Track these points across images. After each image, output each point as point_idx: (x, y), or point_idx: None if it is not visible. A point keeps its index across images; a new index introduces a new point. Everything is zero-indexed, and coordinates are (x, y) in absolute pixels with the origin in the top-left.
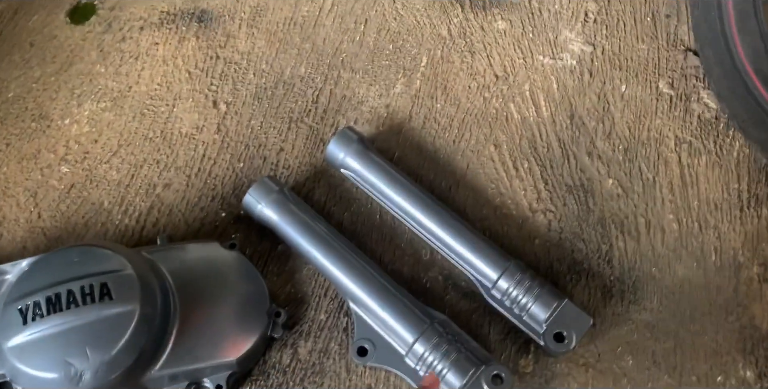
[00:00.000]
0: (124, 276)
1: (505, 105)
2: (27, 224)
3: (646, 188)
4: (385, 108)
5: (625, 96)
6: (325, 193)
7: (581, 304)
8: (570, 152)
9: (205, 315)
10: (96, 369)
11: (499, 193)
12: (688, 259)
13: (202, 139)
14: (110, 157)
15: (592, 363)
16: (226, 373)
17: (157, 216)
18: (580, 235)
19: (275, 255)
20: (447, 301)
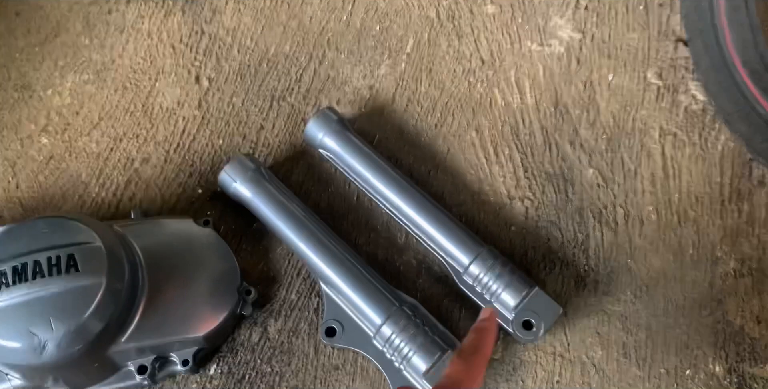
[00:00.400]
0: (92, 249)
1: (489, 90)
2: (4, 194)
3: (627, 179)
4: (368, 89)
5: (612, 85)
6: (304, 173)
7: (553, 293)
8: (552, 140)
9: (175, 290)
10: (59, 340)
11: (478, 179)
12: (665, 252)
13: (182, 115)
14: (90, 129)
15: (560, 352)
16: (193, 349)
17: (134, 191)
18: (557, 224)
19: (250, 233)
20: (419, 285)
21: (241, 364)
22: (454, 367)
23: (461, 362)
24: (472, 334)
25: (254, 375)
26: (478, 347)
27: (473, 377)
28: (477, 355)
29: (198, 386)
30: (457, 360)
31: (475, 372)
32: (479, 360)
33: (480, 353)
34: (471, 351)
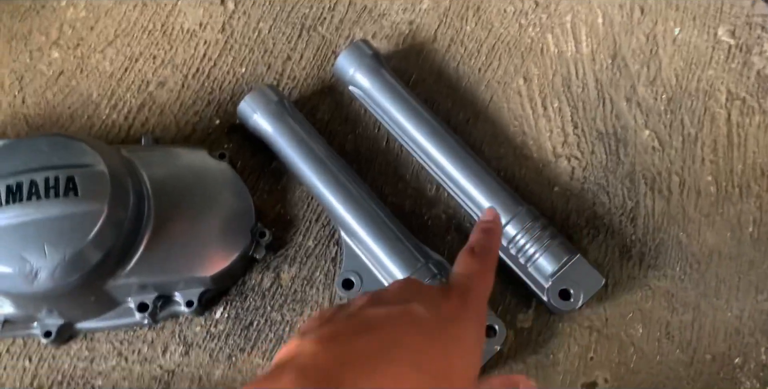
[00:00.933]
0: (95, 173)
1: (542, 35)
2: (9, 109)
3: (686, 144)
4: (408, 24)
5: (677, 40)
6: (331, 110)
7: (595, 262)
8: (607, 95)
9: (183, 225)
10: (53, 269)
11: (521, 132)
12: (721, 227)
13: (204, 38)
14: (105, 46)
15: (597, 327)
16: (199, 289)
17: (147, 116)
18: (605, 188)
19: (268, 171)
20: (447, 242)
21: (250, 310)
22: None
23: (475, 260)
24: (480, 234)
25: (263, 322)
26: (489, 247)
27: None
28: (490, 255)
29: (202, 329)
30: (469, 258)
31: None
32: (491, 260)
33: (492, 253)
34: (483, 251)
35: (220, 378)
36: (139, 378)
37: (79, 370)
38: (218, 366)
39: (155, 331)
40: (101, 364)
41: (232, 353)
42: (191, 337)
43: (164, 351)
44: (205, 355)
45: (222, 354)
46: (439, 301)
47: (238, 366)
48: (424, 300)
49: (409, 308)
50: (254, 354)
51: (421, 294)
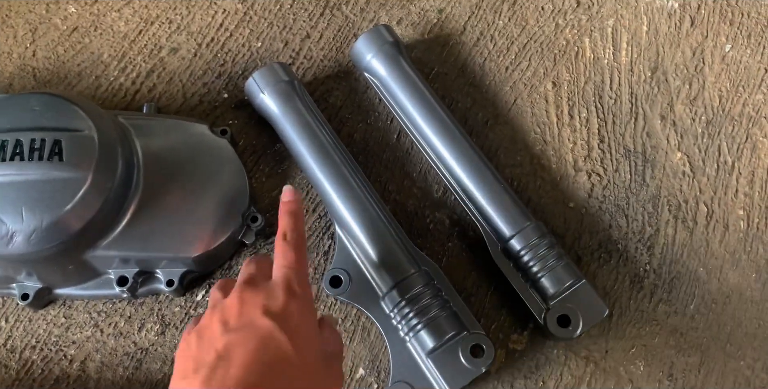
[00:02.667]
0: (83, 138)
1: (579, 38)
2: (19, 60)
3: (720, 173)
4: (437, 13)
5: (727, 58)
6: (344, 97)
7: (602, 289)
8: (640, 110)
9: (171, 201)
10: (30, 234)
11: (542, 140)
12: (747, 267)
13: (223, 7)
14: (122, 5)
15: (596, 359)
16: (181, 270)
17: (156, 82)
18: (625, 210)
19: (270, 153)
20: (447, 249)
21: None
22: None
23: (290, 248)
24: (286, 218)
25: None
26: (298, 231)
27: (305, 261)
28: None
29: (181, 310)
30: (285, 247)
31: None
32: (303, 243)
33: (302, 236)
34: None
35: None
36: (112, 352)
37: (53, 337)
38: None
39: (134, 307)
40: (76, 333)
41: None
42: (169, 317)
43: (140, 328)
44: (180, 337)
45: None
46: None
47: None
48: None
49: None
50: None
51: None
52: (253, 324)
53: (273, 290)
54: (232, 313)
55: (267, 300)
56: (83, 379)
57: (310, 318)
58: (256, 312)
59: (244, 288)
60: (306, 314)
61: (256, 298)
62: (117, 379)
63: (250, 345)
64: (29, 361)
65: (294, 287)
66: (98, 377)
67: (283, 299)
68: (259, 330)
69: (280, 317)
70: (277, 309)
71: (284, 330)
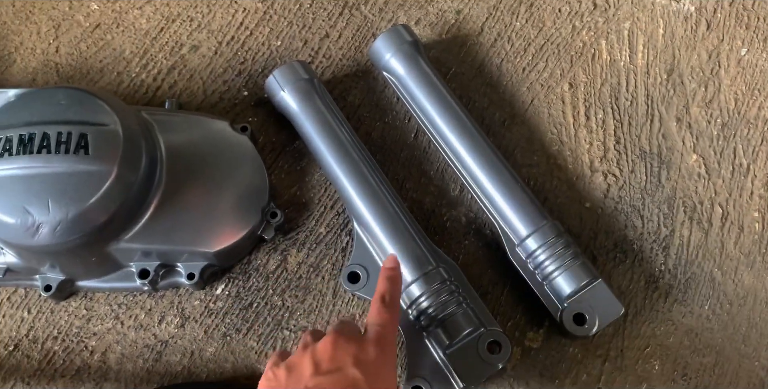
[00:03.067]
0: (109, 132)
1: (595, 40)
2: (42, 56)
3: (735, 175)
4: (455, 14)
5: (742, 61)
6: (362, 95)
7: (618, 289)
8: (656, 112)
9: (193, 196)
10: (55, 225)
11: (559, 141)
12: (762, 269)
13: (244, 5)
14: (144, 3)
15: (611, 357)
16: (201, 263)
17: (176, 79)
18: (640, 211)
19: (290, 150)
20: (464, 247)
21: (252, 291)
22: (381, 316)
23: (386, 310)
24: (388, 284)
25: (263, 304)
26: (396, 297)
27: (396, 323)
28: (397, 303)
29: (201, 303)
30: (381, 308)
31: (397, 319)
32: (397, 307)
33: (397, 301)
34: (391, 301)
35: (211, 356)
36: (133, 344)
37: (74, 328)
38: (212, 344)
39: (154, 299)
40: (97, 325)
41: (227, 332)
42: (189, 310)
43: (160, 321)
44: (200, 330)
45: (217, 332)
46: (365, 356)
47: (232, 346)
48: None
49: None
50: (249, 337)
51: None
52: (342, 371)
53: (365, 343)
54: (325, 357)
55: (358, 351)
56: (104, 370)
57: (392, 375)
58: (348, 361)
59: (338, 335)
60: (391, 371)
61: (349, 347)
62: (137, 371)
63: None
64: (51, 352)
65: (386, 343)
66: (119, 368)
67: (374, 353)
68: (347, 379)
69: (368, 370)
70: (367, 362)
71: (369, 382)
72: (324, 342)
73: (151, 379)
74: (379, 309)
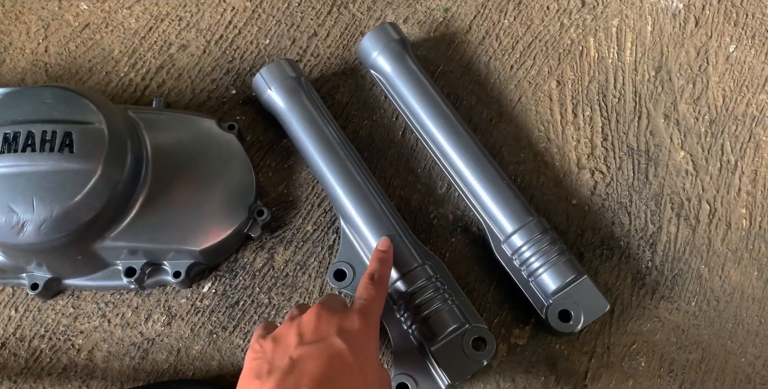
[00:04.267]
0: (94, 131)
1: (583, 38)
2: (32, 56)
3: (723, 171)
4: (443, 11)
5: (731, 58)
6: (350, 94)
7: (604, 286)
8: (644, 110)
9: (179, 194)
10: (40, 224)
11: (546, 138)
12: (749, 265)
13: (232, 4)
14: (133, 2)
15: (597, 354)
16: (188, 262)
17: (165, 78)
18: (627, 208)
19: (277, 148)
20: (451, 244)
21: (238, 288)
22: (368, 291)
23: (373, 287)
24: (378, 263)
25: (249, 302)
26: (384, 276)
27: (383, 300)
28: (385, 282)
29: (187, 302)
30: (369, 284)
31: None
32: (385, 286)
33: (386, 280)
34: (380, 279)
35: (198, 354)
36: (119, 342)
37: (62, 326)
38: (198, 342)
39: (141, 298)
40: (84, 323)
41: (213, 330)
42: (176, 308)
43: (147, 319)
44: (186, 328)
45: (203, 330)
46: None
47: (218, 344)
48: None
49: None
50: (235, 334)
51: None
52: (326, 340)
53: (350, 314)
54: (309, 328)
55: (342, 322)
56: (90, 368)
57: (375, 347)
58: (332, 331)
59: (323, 307)
60: (373, 344)
61: (333, 318)
62: (124, 368)
63: (321, 359)
64: (38, 350)
65: (370, 316)
66: (105, 366)
67: (358, 324)
68: (331, 348)
69: (352, 340)
70: (350, 332)
71: (353, 352)
72: (309, 314)
73: (138, 377)
74: (367, 286)
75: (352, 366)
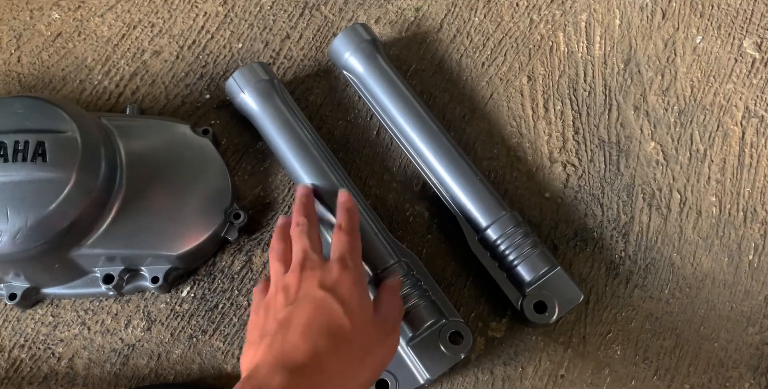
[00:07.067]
0: (67, 139)
1: (553, 33)
2: (4, 66)
3: (692, 161)
4: (414, 11)
5: (698, 49)
6: (324, 95)
7: (579, 277)
8: (614, 102)
9: (154, 200)
10: (15, 233)
11: (518, 133)
12: (719, 252)
13: (204, 9)
14: (105, 11)
15: (573, 344)
16: (165, 267)
17: (139, 85)
18: (600, 199)
19: (253, 151)
20: (427, 241)
21: (217, 292)
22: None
23: (344, 234)
24: (342, 213)
25: (228, 305)
26: (353, 223)
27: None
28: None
29: (167, 306)
30: (339, 233)
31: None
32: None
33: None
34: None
35: (178, 358)
36: (100, 348)
37: (41, 335)
38: (178, 346)
39: (120, 304)
40: (64, 331)
41: (193, 334)
42: (155, 314)
43: (127, 325)
44: (166, 333)
45: (183, 334)
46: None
47: (198, 347)
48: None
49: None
50: (216, 337)
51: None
52: (309, 295)
53: (328, 267)
54: (293, 289)
55: (322, 275)
56: (71, 376)
57: (361, 287)
58: (313, 284)
59: (302, 265)
60: (358, 284)
61: (313, 273)
62: (105, 375)
63: (306, 313)
64: (18, 360)
65: (347, 262)
66: (86, 373)
67: (336, 273)
68: (315, 301)
69: (333, 288)
70: (331, 282)
71: (336, 299)
72: (291, 277)
73: (119, 383)
74: (338, 236)
75: (337, 313)
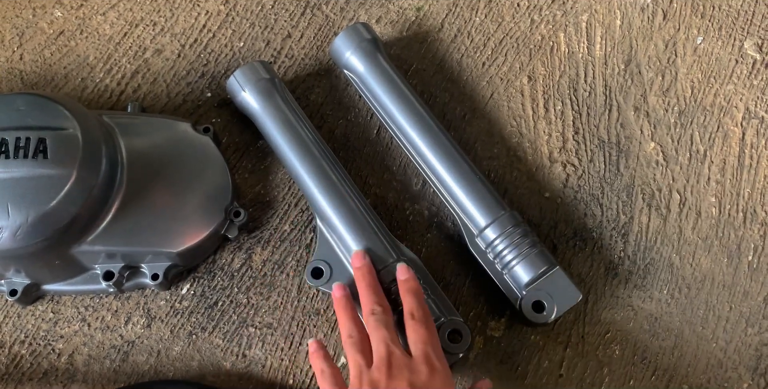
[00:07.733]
0: (68, 136)
1: (554, 33)
2: (7, 64)
3: (692, 161)
4: (415, 11)
5: (698, 50)
6: (325, 94)
7: (578, 277)
8: (615, 102)
9: (154, 197)
10: (15, 230)
11: (518, 133)
12: (719, 253)
13: (206, 8)
14: (108, 9)
15: (572, 344)
16: (165, 264)
17: (140, 83)
18: (599, 199)
19: (253, 150)
20: (427, 240)
21: (217, 289)
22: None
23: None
24: (410, 296)
25: (228, 303)
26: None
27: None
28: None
29: (167, 303)
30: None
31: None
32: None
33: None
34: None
35: (178, 355)
36: (99, 345)
37: (41, 331)
38: (178, 343)
39: (120, 301)
40: (64, 328)
41: (193, 331)
42: (155, 310)
43: (127, 322)
44: (166, 330)
45: (183, 331)
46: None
47: (198, 344)
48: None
49: None
50: (215, 335)
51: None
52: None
53: (416, 365)
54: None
55: (411, 375)
56: (71, 372)
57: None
58: (403, 386)
59: (389, 364)
60: (447, 386)
61: (402, 374)
62: (104, 372)
63: None
64: (18, 356)
65: (434, 362)
66: (86, 370)
67: (425, 375)
68: None
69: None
70: (420, 385)
71: None
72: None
73: (119, 379)
74: (414, 327)
75: None
